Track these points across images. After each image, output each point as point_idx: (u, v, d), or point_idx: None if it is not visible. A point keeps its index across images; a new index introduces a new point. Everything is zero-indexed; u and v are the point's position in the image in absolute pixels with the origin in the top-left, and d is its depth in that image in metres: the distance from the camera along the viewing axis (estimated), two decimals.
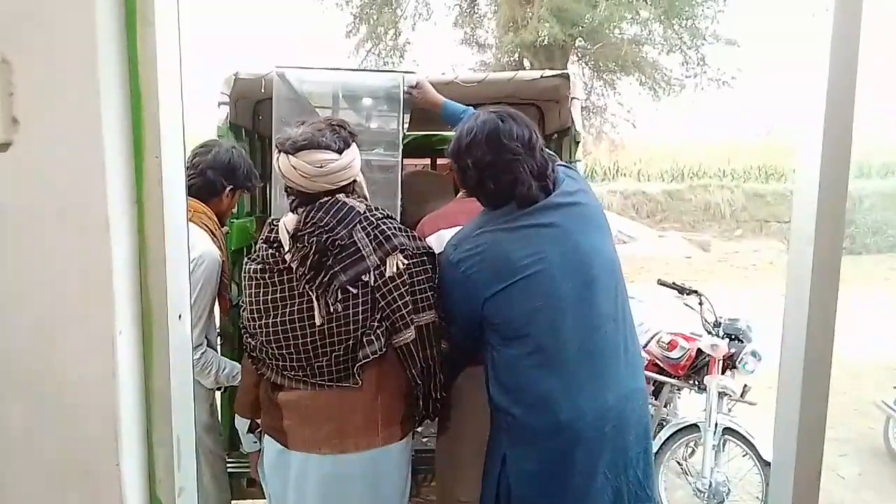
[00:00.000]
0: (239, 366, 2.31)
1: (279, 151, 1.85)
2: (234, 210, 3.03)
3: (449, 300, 1.99)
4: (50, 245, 0.96)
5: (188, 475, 1.08)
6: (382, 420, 1.95)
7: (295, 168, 1.81)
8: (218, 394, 2.64)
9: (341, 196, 1.88)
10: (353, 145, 1.91)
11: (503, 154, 1.87)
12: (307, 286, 1.84)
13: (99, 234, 0.95)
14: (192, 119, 1.18)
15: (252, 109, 3.27)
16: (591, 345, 1.86)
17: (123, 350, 0.98)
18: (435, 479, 2.33)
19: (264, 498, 2.53)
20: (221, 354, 2.90)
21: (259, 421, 2.09)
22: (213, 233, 2.33)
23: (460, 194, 2.40)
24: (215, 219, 2.39)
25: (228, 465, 2.74)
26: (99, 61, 0.93)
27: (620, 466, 1.91)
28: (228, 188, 2.45)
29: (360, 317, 1.85)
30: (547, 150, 2.07)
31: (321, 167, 1.81)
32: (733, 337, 3.84)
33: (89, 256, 0.95)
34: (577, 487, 1.88)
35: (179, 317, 1.07)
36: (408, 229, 2.00)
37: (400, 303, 1.88)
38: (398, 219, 2.28)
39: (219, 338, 2.90)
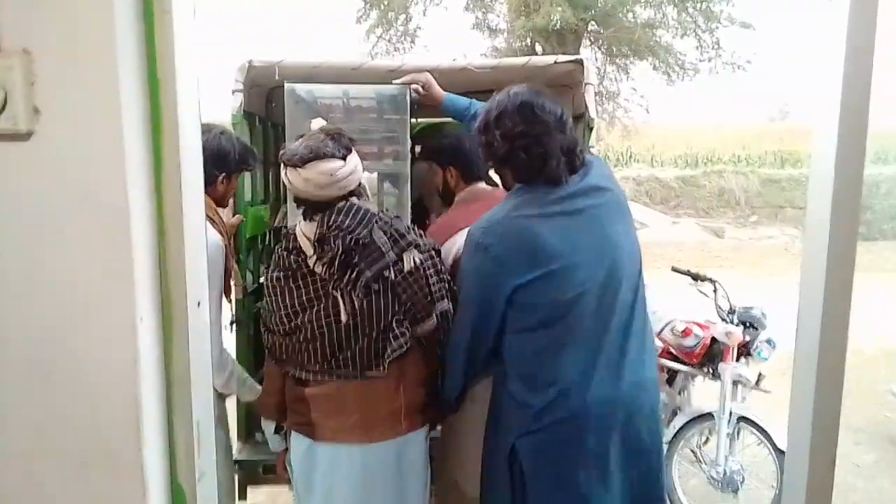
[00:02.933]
0: (258, 386, 2.36)
1: (286, 166, 1.94)
2: (249, 198, 3.05)
3: (469, 284, 1.97)
4: (71, 233, 0.97)
5: (208, 460, 1.10)
6: (406, 409, 2.04)
7: (307, 180, 1.91)
8: None
9: (354, 199, 1.98)
10: (354, 151, 2.00)
11: (535, 125, 1.85)
12: (334, 285, 1.95)
13: (119, 222, 0.96)
14: (206, 106, 1.19)
15: (265, 97, 3.28)
16: (611, 333, 1.86)
17: (144, 337, 1.00)
18: (436, 475, 2.33)
19: (279, 484, 2.57)
20: (236, 341, 2.93)
21: (283, 424, 2.18)
22: (211, 218, 2.31)
23: (460, 195, 2.41)
24: (213, 205, 2.37)
25: (244, 452, 2.82)
26: (118, 51, 0.94)
27: (633, 454, 1.92)
28: (222, 175, 2.39)
29: (383, 310, 1.97)
30: None
31: (331, 176, 1.91)
32: (748, 324, 3.81)
33: (110, 244, 0.97)
34: (591, 474, 1.89)
35: (198, 304, 1.08)
36: (415, 227, 2.13)
37: (420, 294, 2.01)
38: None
39: (233, 325, 2.93)
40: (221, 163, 2.36)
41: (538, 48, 17.24)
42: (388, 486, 2.05)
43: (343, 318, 1.94)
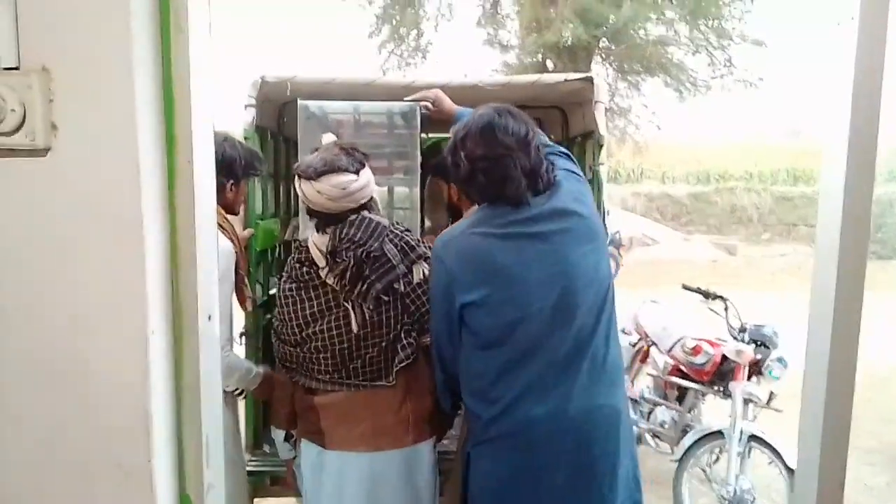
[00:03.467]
0: (254, 366, 2.40)
1: (300, 178, 1.98)
2: (260, 211, 3.08)
3: (432, 296, 1.99)
4: (86, 246, 0.99)
5: (217, 472, 1.11)
6: (413, 420, 2.08)
7: (320, 192, 1.95)
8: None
9: (365, 213, 2.02)
10: (367, 166, 2.05)
11: (495, 148, 1.85)
12: (345, 297, 2.00)
13: (133, 236, 0.97)
14: (219, 119, 1.21)
15: (277, 112, 3.31)
16: (562, 356, 1.84)
17: (156, 349, 1.01)
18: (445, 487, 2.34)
19: (286, 496, 2.58)
20: (245, 354, 2.93)
21: (294, 432, 2.23)
22: (220, 226, 2.31)
23: (470, 211, 2.42)
24: (223, 212, 2.37)
25: (252, 463, 2.81)
26: (134, 69, 0.96)
27: (583, 480, 1.88)
28: (230, 183, 2.38)
29: (392, 321, 2.02)
30: (559, 153, 2.07)
31: (344, 189, 1.95)
32: (759, 343, 3.79)
33: (123, 258, 0.98)
34: (538, 494, 1.87)
35: (209, 317, 1.09)
36: (424, 241, 2.17)
37: (428, 306, 2.03)
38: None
39: (242, 337, 2.93)
40: (228, 170, 2.35)
41: (549, 64, 17.31)
42: (396, 495, 2.08)
43: (354, 328, 1.99)
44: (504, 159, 1.84)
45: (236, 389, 2.40)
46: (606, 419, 1.90)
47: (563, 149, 2.14)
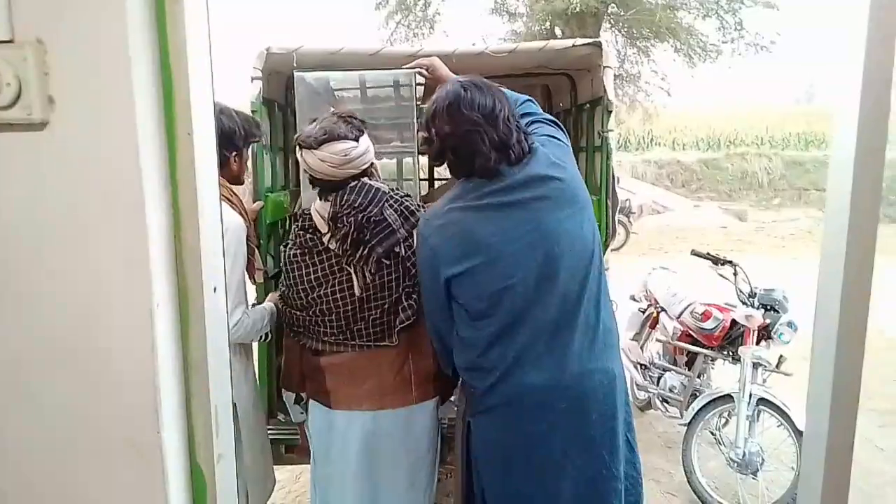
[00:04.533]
0: (269, 305, 2.45)
1: (301, 148, 2.05)
2: (269, 184, 3.07)
3: (420, 274, 2.04)
4: (87, 221, 0.98)
5: (226, 442, 1.12)
6: (416, 379, 2.16)
7: (322, 160, 2.02)
8: (256, 368, 2.69)
9: (366, 179, 2.09)
10: (365, 133, 2.11)
11: (462, 125, 1.86)
12: (347, 261, 2.07)
13: (135, 210, 0.97)
14: (223, 94, 1.20)
15: (284, 84, 3.29)
16: (550, 323, 1.87)
17: (162, 323, 1.01)
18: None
19: (300, 464, 2.64)
20: None
21: (304, 394, 2.30)
22: (229, 200, 2.32)
23: None
24: (228, 185, 2.36)
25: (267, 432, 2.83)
26: (130, 40, 0.94)
27: (581, 444, 1.91)
28: (233, 154, 2.38)
29: (394, 284, 2.10)
30: (544, 120, 2.07)
31: (346, 156, 2.02)
32: (769, 307, 3.79)
33: (126, 232, 0.98)
34: (538, 460, 1.92)
35: (214, 289, 1.09)
36: (424, 206, 2.24)
37: None
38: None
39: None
40: (229, 142, 2.35)
41: (557, 31, 17.10)
42: (398, 452, 2.16)
43: (357, 291, 2.07)
44: (471, 135, 1.86)
45: (267, 336, 2.47)
46: (602, 383, 1.93)
47: (547, 115, 2.14)
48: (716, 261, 4.02)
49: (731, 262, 3.97)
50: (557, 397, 1.88)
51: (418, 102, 2.71)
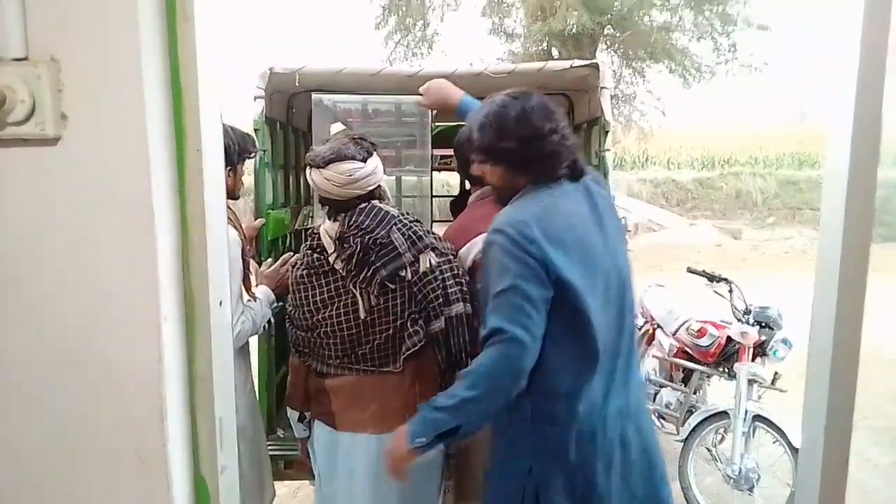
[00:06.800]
0: (264, 291, 2.46)
1: (310, 167, 2.07)
2: (270, 201, 3.09)
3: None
4: (97, 234, 1.00)
5: (230, 454, 1.13)
6: (420, 404, 2.04)
7: (327, 179, 2.03)
8: (256, 383, 2.69)
9: (375, 202, 2.10)
10: (375, 154, 2.11)
11: (548, 123, 1.82)
12: (352, 282, 2.06)
13: (144, 224, 0.99)
14: (227, 112, 1.22)
15: (286, 103, 3.33)
16: (620, 347, 1.82)
17: (168, 335, 1.02)
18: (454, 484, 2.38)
19: (299, 479, 2.64)
20: (257, 340, 2.96)
21: (307, 413, 2.30)
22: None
23: (472, 196, 2.43)
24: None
25: (266, 447, 2.82)
26: (142, 58, 0.97)
27: (649, 473, 1.90)
28: (228, 169, 2.35)
29: (399, 309, 2.08)
30: None
31: (350, 176, 2.03)
32: (764, 324, 3.81)
33: (135, 246, 1.00)
34: (602, 497, 1.81)
35: (220, 303, 1.11)
36: (434, 232, 2.23)
37: (432, 295, 2.09)
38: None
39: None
40: (225, 157, 2.35)
41: (554, 52, 17.27)
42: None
43: (361, 314, 2.06)
44: (552, 135, 1.82)
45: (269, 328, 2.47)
46: (646, 411, 1.98)
47: None
48: (711, 278, 4.04)
49: (726, 279, 3.99)
50: (628, 424, 1.83)
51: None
